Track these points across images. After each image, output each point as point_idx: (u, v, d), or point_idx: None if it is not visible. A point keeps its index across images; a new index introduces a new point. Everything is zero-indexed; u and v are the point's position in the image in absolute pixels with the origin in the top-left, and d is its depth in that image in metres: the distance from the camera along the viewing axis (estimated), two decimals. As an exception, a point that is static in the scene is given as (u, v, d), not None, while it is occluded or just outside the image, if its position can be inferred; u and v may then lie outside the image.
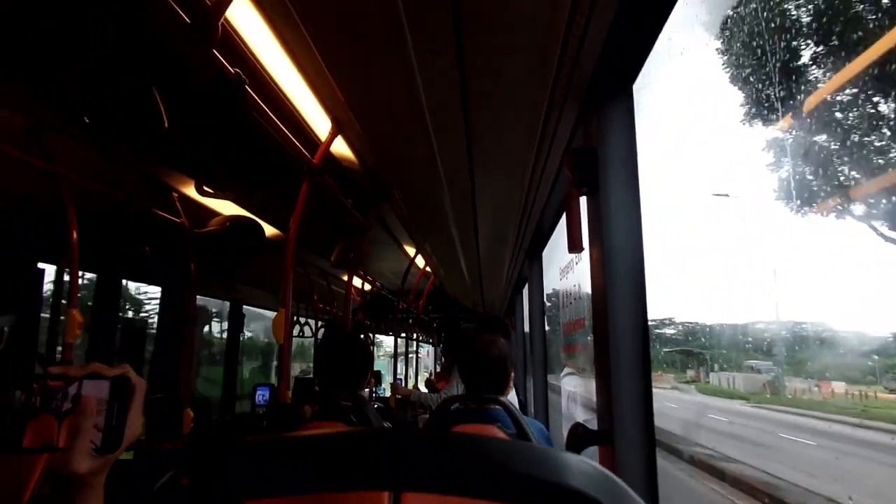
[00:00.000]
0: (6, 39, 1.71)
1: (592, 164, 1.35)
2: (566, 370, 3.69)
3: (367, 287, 6.43)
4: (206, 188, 2.77)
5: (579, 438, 1.34)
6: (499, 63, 1.43)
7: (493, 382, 2.22)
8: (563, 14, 1.17)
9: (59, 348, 3.33)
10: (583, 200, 1.45)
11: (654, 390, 1.24)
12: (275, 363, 7.44)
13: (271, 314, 2.44)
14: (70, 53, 1.70)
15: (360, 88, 1.89)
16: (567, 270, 3.00)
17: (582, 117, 1.48)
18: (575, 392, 3.51)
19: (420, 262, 5.38)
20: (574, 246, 1.40)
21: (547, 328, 4.14)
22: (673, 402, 17.39)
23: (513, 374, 2.33)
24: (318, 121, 2.36)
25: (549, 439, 2.28)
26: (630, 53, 1.25)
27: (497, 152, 2.08)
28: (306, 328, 5.76)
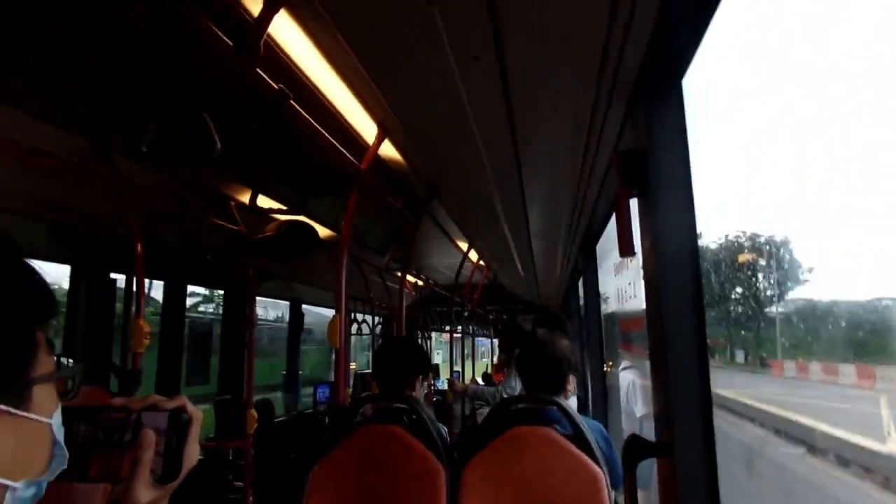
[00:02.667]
0: (66, 68, 1.81)
1: (642, 164, 1.29)
2: (623, 363, 3.62)
3: (422, 283, 6.47)
4: (260, 196, 2.84)
5: (636, 451, 1.30)
6: (540, 63, 1.39)
7: (551, 382, 2.19)
8: (604, 8, 1.13)
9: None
10: (634, 202, 1.40)
11: None
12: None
13: (331, 312, 2.50)
14: (127, 84, 1.77)
15: (404, 93, 1.89)
16: (622, 266, 2.92)
17: (630, 114, 1.43)
18: (633, 385, 3.44)
19: (473, 256, 5.37)
20: (625, 250, 1.35)
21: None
22: None
23: (572, 377, 2.29)
24: (365, 127, 2.38)
25: (607, 439, 2.24)
26: (679, 45, 1.19)
27: (543, 151, 2.04)
28: (364, 326, 5.85)
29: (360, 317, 5.97)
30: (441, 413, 5.93)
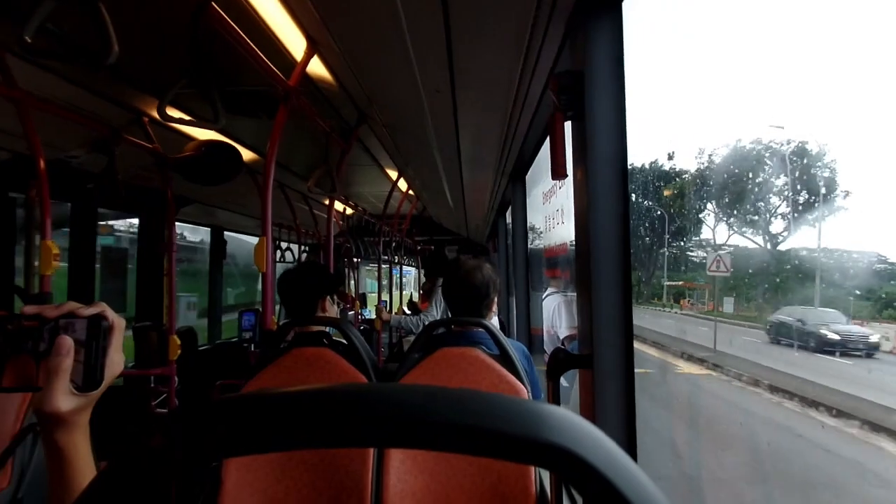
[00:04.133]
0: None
1: (579, 87, 1.30)
2: (549, 290, 3.77)
3: (350, 211, 6.38)
4: (176, 110, 2.66)
5: (560, 363, 1.38)
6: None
7: (476, 306, 2.26)
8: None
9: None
10: (567, 125, 1.41)
11: None
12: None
13: (254, 239, 2.42)
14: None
15: (337, 5, 1.79)
16: (550, 194, 2.98)
17: (568, 37, 1.42)
18: (558, 309, 3.61)
19: (402, 185, 5.33)
20: (557, 172, 1.38)
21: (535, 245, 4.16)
22: None
23: (496, 299, 2.37)
24: (294, 40, 2.25)
25: (529, 358, 2.35)
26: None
27: (480, 73, 2.01)
28: (288, 253, 5.73)
29: (284, 244, 5.84)
30: (369, 342, 6.02)
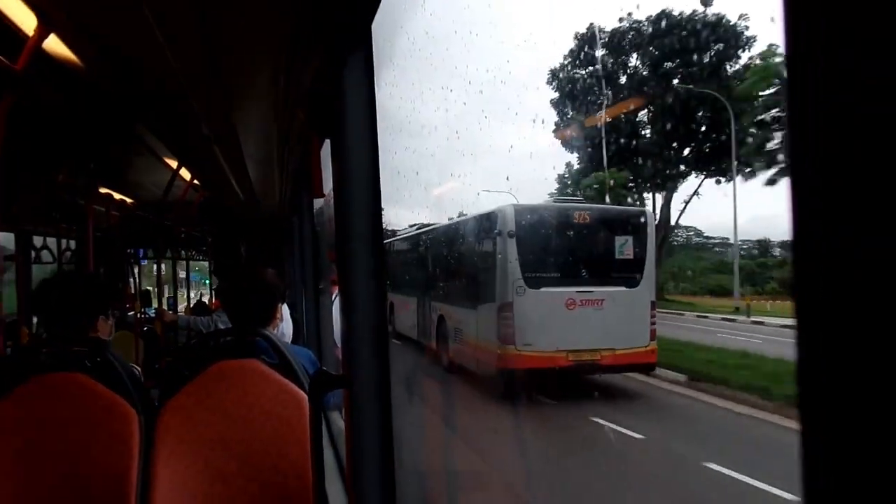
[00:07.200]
0: None
1: (329, 106, 1.29)
2: (336, 292, 3.75)
3: (130, 201, 5.67)
4: None
5: (321, 385, 1.37)
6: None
7: (258, 314, 2.16)
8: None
9: None
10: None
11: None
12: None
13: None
14: None
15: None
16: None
17: (325, 58, 1.40)
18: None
19: (186, 174, 4.87)
20: (314, 191, 1.36)
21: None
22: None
23: (280, 306, 2.30)
24: (21, 15, 1.89)
25: (315, 363, 2.32)
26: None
27: (248, 76, 1.90)
28: (44, 252, 4.89)
29: (38, 242, 5.00)
30: (153, 345, 5.43)
